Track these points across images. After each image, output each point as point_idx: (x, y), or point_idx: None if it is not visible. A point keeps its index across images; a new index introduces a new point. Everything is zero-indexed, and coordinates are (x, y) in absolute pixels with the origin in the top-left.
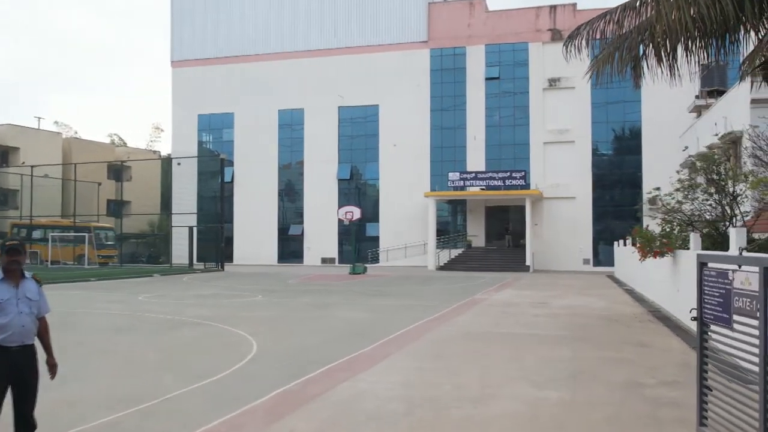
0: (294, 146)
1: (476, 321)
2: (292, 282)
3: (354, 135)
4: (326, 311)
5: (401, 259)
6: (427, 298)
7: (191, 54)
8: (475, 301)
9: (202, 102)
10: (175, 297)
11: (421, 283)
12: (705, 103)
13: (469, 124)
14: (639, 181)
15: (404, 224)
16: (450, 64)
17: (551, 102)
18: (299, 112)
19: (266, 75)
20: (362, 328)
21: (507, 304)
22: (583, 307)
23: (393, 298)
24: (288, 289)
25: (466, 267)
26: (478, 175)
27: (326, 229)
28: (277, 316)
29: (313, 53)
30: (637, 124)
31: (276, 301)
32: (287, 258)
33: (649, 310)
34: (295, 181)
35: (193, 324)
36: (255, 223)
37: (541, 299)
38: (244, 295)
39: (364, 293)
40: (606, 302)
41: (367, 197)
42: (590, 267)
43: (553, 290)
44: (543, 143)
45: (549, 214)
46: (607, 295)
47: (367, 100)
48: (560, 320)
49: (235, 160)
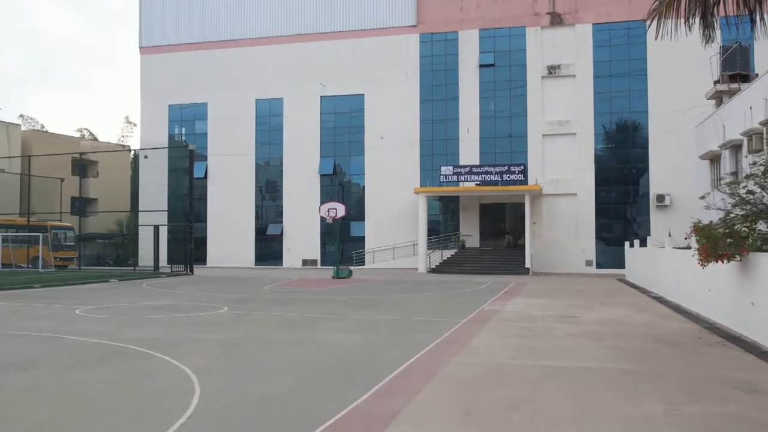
0: (272, 139)
1: (499, 345)
2: (268, 288)
3: (337, 127)
4: (304, 331)
5: (389, 261)
6: (426, 310)
7: (161, 39)
8: (485, 314)
9: (173, 91)
10: (121, 310)
11: (414, 289)
12: (728, 88)
13: (461, 115)
14: (646, 177)
15: (392, 223)
16: (441, 50)
17: (550, 91)
18: (278, 102)
19: (242, 62)
20: (352, 359)
21: (526, 318)
22: (622, 323)
23: (386, 311)
24: (261, 299)
25: (461, 270)
26: (473, 170)
27: (308, 228)
28: (240, 340)
29: (293, 38)
30: (643, 115)
31: (243, 316)
32: (265, 260)
33: (705, 326)
34: (273, 177)
35: (123, 354)
36: (230, 222)
37: (564, 311)
38: (206, 306)
39: (351, 303)
40: (644, 315)
41: (352, 194)
42: (593, 269)
43: (570, 298)
44: (542, 136)
45: (548, 212)
46: (637, 305)
47: (351, 90)
48: (606, 343)
49: (209, 154)
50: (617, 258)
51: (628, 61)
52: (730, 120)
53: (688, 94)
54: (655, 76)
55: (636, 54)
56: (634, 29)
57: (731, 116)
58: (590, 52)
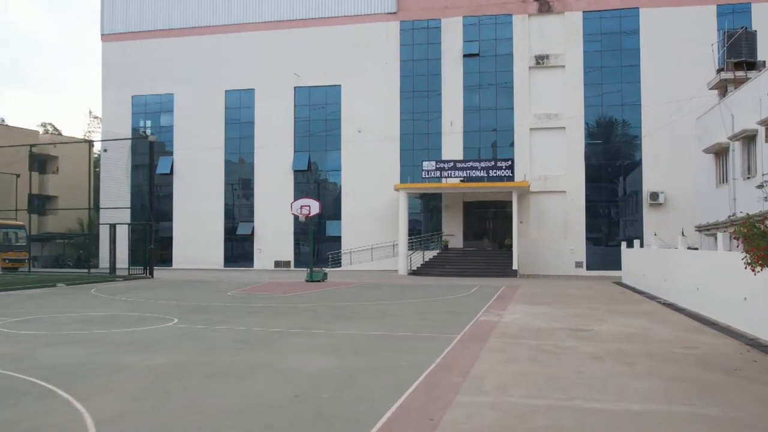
0: (243, 132)
1: (512, 374)
2: (232, 294)
3: (312, 120)
4: (264, 352)
5: (367, 263)
6: (412, 321)
7: (124, 26)
8: (482, 326)
9: (137, 82)
10: (48, 323)
11: (396, 294)
12: (733, 76)
13: (444, 107)
14: (638, 174)
15: (371, 222)
16: (423, 39)
17: (538, 82)
18: (249, 93)
19: (211, 51)
20: (319, 399)
21: (532, 332)
22: (647, 338)
23: (364, 322)
24: (221, 307)
25: (444, 272)
26: (457, 165)
27: (280, 228)
28: (179, 367)
29: (265, 26)
30: (636, 108)
31: (194, 331)
32: (235, 261)
33: (747, 343)
34: (244, 173)
35: (14, 392)
36: (198, 221)
37: (571, 322)
38: (153, 318)
39: (324, 313)
40: (667, 328)
41: (328, 191)
42: (583, 270)
43: (571, 305)
44: (529, 130)
45: (536, 211)
46: (652, 315)
47: (327, 80)
48: (642, 369)
49: (175, 149)
50: (609, 259)
51: (620, 51)
52: (741, 109)
53: (685, 86)
54: (648, 66)
55: (628, 43)
56: (626, 17)
57: (742, 105)
58: (580, 41)
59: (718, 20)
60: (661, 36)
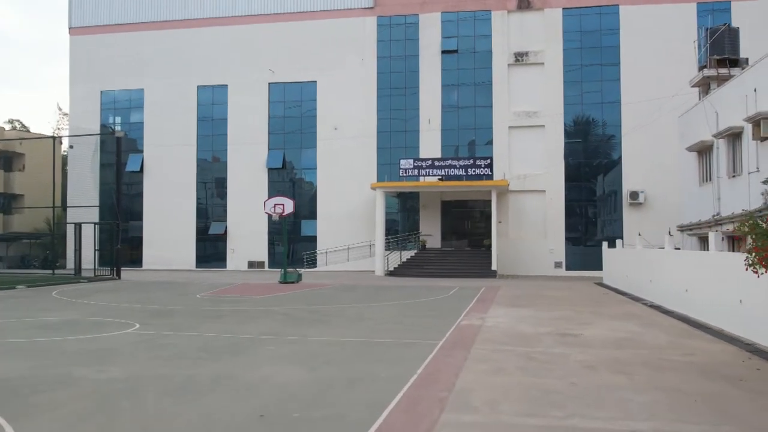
0: (216, 130)
1: (502, 387)
2: (201, 297)
3: (287, 117)
4: (230, 362)
5: (343, 263)
6: (390, 326)
7: (93, 19)
8: (465, 331)
9: (106, 77)
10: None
11: (373, 296)
12: (716, 73)
13: (422, 104)
14: (618, 173)
15: (347, 222)
16: (400, 35)
17: (517, 80)
18: (222, 89)
19: (183, 45)
20: (288, 419)
21: (517, 337)
22: (639, 344)
23: (340, 327)
24: (188, 311)
25: (421, 272)
26: (435, 163)
27: (254, 227)
28: (133, 380)
29: (238, 20)
30: (616, 107)
31: (156, 338)
32: (207, 261)
33: (744, 348)
34: (217, 171)
35: None
36: (169, 220)
37: (558, 326)
38: (114, 323)
39: (297, 317)
40: (658, 332)
41: (303, 190)
42: (563, 271)
43: (555, 307)
44: (508, 128)
45: (515, 210)
46: (640, 318)
47: (302, 76)
48: (641, 380)
49: (146, 146)
50: (588, 259)
51: (600, 49)
52: (726, 106)
53: (665, 84)
54: (629, 64)
55: (609, 41)
56: (606, 15)
57: (727, 102)
58: (560, 38)
59: (699, 18)
60: (641, 34)
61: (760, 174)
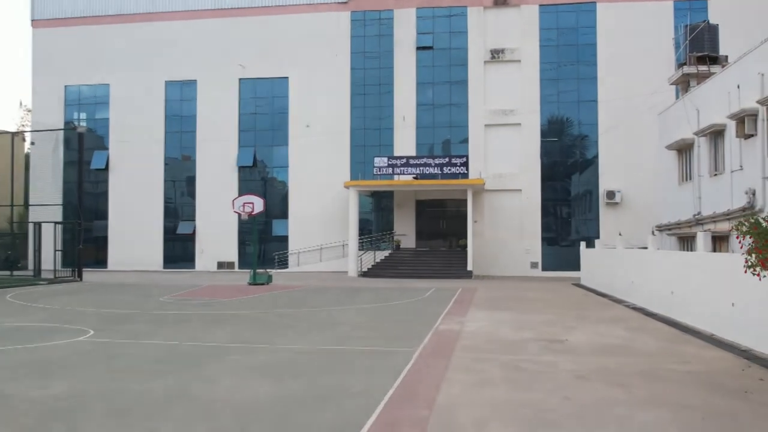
0: (184, 126)
1: (488, 404)
2: (165, 300)
3: (258, 114)
4: (189, 376)
5: (316, 264)
6: (363, 331)
7: (57, 11)
8: (443, 337)
9: (70, 71)
10: None
11: (345, 299)
12: (696, 71)
13: (397, 101)
14: (595, 172)
15: (319, 221)
16: (375, 31)
17: (493, 77)
18: (191, 84)
19: (150, 39)
20: None
21: (501, 343)
22: (630, 351)
23: (310, 333)
24: (149, 316)
25: (396, 273)
26: (410, 161)
27: (224, 227)
28: (78, 398)
29: (208, 13)
30: (593, 105)
31: (110, 347)
32: (176, 262)
33: (740, 355)
34: (185, 169)
35: None
36: (135, 220)
37: (542, 331)
38: (66, 330)
39: (266, 322)
40: (647, 338)
41: (275, 188)
42: (539, 271)
43: (536, 311)
44: (484, 126)
45: (491, 210)
46: (625, 321)
47: (274, 72)
48: (641, 393)
49: (111, 143)
50: (565, 260)
51: (577, 47)
52: (707, 103)
53: (643, 83)
54: (606, 62)
55: (585, 39)
56: (583, 12)
57: (708, 99)
58: (536, 35)
59: (676, 16)
60: (618, 32)
61: (743, 172)
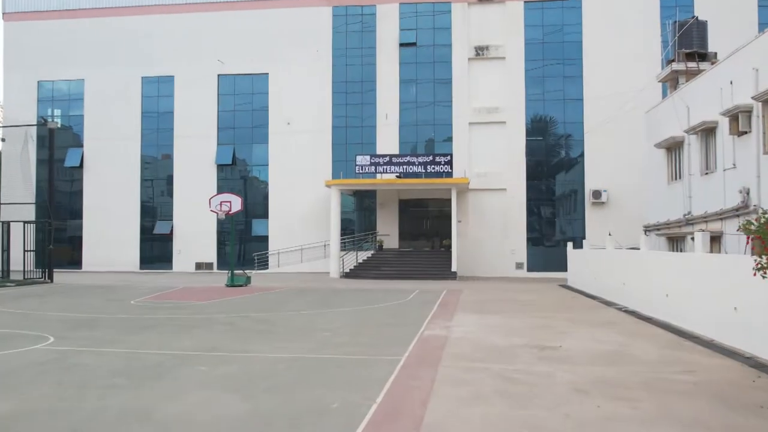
0: (162, 123)
1: (480, 420)
2: (136, 303)
3: (238, 111)
4: (149, 391)
5: (297, 264)
6: (343, 338)
7: (29, 4)
8: (429, 344)
9: (43, 66)
10: None
11: (326, 301)
12: (685, 67)
13: (379, 99)
14: (581, 171)
15: (300, 221)
16: (357, 26)
17: (478, 74)
18: (168, 80)
19: (126, 33)
20: None
21: (490, 351)
22: (628, 359)
23: (286, 340)
24: (116, 320)
25: (379, 274)
26: (393, 159)
27: (202, 227)
28: (19, 418)
29: (186, 7)
30: (578, 103)
31: (68, 356)
32: (152, 263)
33: (745, 363)
34: (162, 168)
35: None
36: (111, 219)
37: (532, 336)
38: (25, 336)
39: (240, 328)
40: (644, 344)
41: (254, 187)
42: (524, 272)
43: (524, 314)
44: (468, 124)
45: (475, 210)
46: (618, 325)
47: (253, 68)
48: (648, 407)
49: (86, 139)
50: (550, 260)
51: (563, 44)
52: (698, 100)
53: (629, 80)
54: (591, 60)
55: (571, 36)
56: (569, 8)
57: (699, 96)
58: (521, 32)
59: (662, 13)
60: (603, 29)
61: (736, 170)
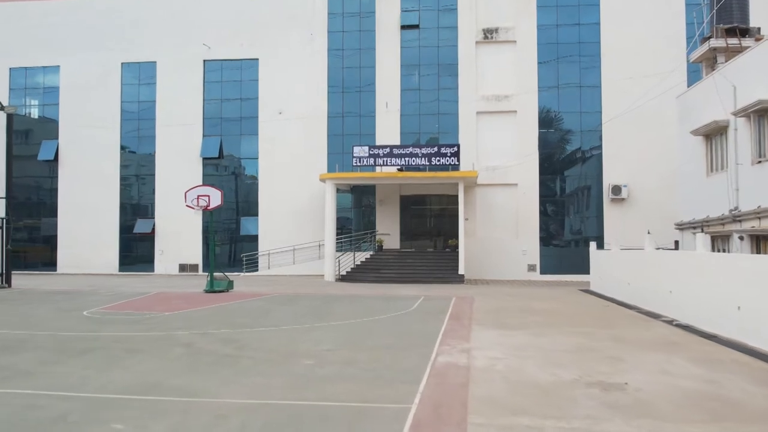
0: (143, 113)
1: None
2: (91, 313)
3: (225, 99)
4: None
5: (288, 266)
6: (334, 368)
7: None
8: (447, 380)
9: (15, 51)
10: None
11: (317, 312)
12: (725, 44)
13: (379, 86)
14: (599, 165)
15: (293, 219)
16: (354, 8)
17: (486, 59)
18: (150, 66)
19: (104, 16)
20: None
21: (533, 393)
22: (736, 408)
23: (257, 374)
24: (51, 339)
25: (378, 277)
26: (394, 151)
27: (186, 225)
28: None
29: None
30: (596, 90)
31: None
32: (133, 264)
33: None
34: (143, 161)
35: None
36: (87, 217)
37: (584, 368)
38: None
39: (202, 350)
40: (743, 380)
41: (244, 182)
42: (537, 275)
43: (559, 330)
44: (476, 113)
45: (483, 206)
46: (685, 347)
47: (242, 53)
48: None
49: (61, 131)
50: (565, 262)
51: (578, 26)
52: (749, 78)
53: (653, 63)
54: (610, 43)
55: (587, 16)
56: None
57: (750, 74)
58: (534, 13)
59: None
60: (622, 9)
61: None
